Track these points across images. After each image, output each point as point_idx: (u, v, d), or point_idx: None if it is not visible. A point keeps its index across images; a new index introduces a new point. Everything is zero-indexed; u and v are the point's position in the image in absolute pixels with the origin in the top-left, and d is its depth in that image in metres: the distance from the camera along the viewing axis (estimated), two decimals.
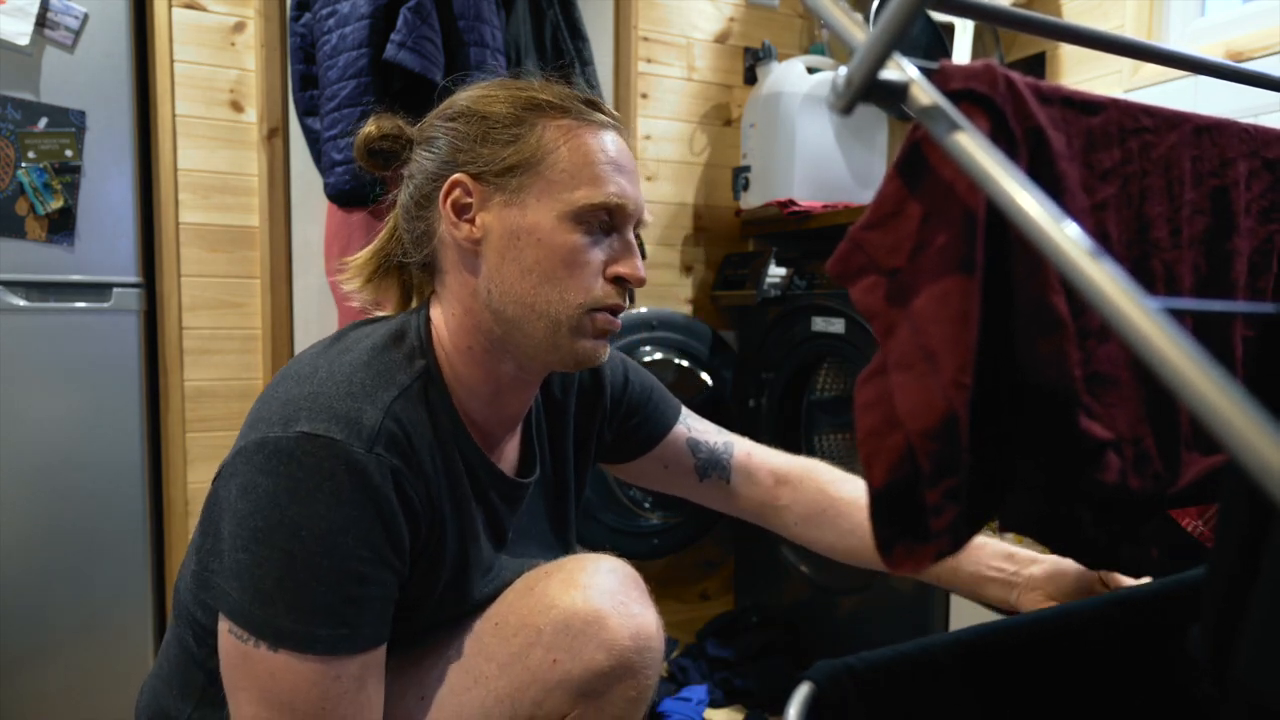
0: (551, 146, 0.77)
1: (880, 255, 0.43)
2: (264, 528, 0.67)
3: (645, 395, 1.02)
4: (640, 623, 0.80)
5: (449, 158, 0.79)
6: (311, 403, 0.70)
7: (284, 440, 0.68)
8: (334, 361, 0.75)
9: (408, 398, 0.75)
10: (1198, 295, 0.52)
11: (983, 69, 0.43)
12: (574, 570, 0.82)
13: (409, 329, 0.81)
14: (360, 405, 0.71)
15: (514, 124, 0.77)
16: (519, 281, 0.77)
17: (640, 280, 0.80)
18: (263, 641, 0.68)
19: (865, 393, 0.44)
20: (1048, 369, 0.43)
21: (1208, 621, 0.48)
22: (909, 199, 0.43)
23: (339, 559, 0.67)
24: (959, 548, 0.42)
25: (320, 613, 0.68)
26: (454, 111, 0.80)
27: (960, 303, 0.40)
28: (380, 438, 0.70)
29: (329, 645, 0.68)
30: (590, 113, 0.80)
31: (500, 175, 0.77)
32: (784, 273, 1.95)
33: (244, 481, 0.69)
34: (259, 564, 0.67)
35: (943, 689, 0.62)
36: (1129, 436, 0.47)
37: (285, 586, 0.67)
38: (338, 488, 0.67)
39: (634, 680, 0.79)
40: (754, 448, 1.05)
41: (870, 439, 0.43)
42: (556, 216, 0.76)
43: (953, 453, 0.40)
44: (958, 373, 0.40)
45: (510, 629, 0.80)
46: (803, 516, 1.01)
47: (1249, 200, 0.55)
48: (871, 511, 0.44)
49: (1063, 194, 0.45)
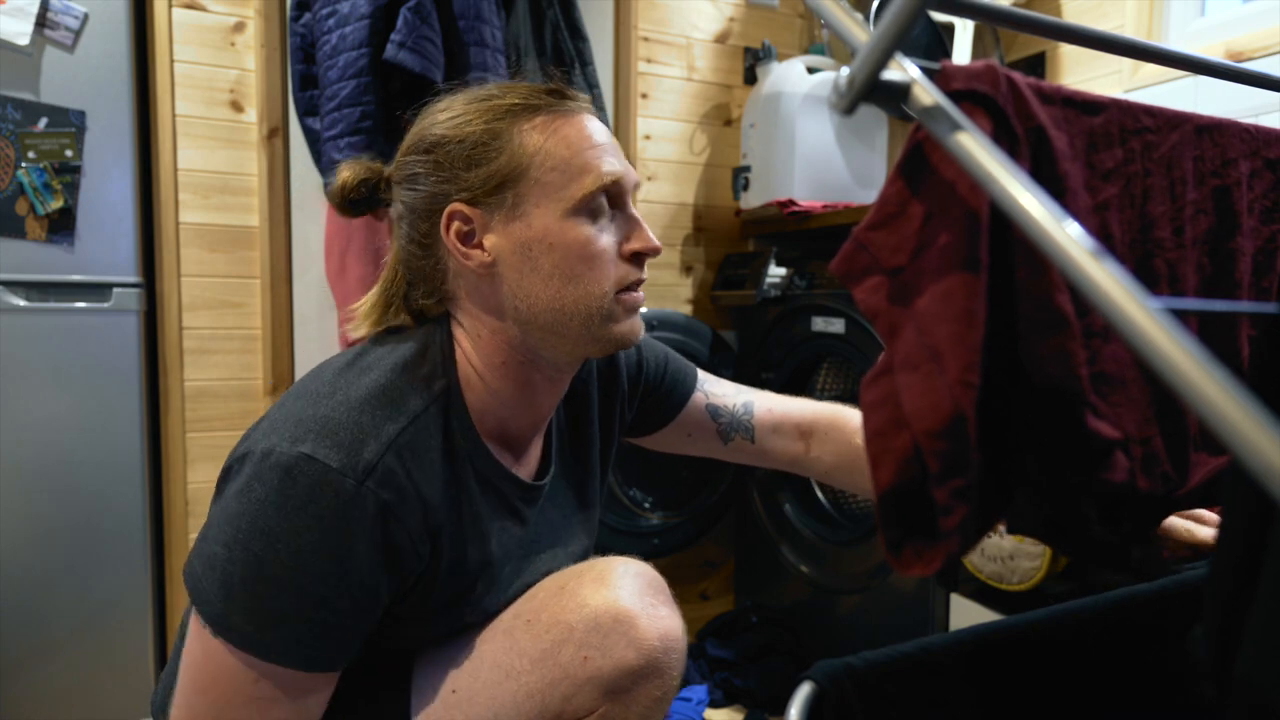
0: (534, 149, 0.76)
1: (884, 255, 0.43)
2: (246, 529, 0.69)
3: (660, 371, 1.03)
4: (668, 625, 0.83)
5: (437, 190, 0.78)
6: (320, 426, 0.71)
7: (286, 456, 0.69)
8: (351, 384, 0.75)
9: (418, 426, 0.75)
10: (1202, 295, 0.52)
11: (984, 69, 0.43)
12: (604, 571, 0.85)
13: (431, 346, 0.80)
14: (364, 438, 0.71)
15: (491, 138, 0.76)
16: (544, 289, 0.77)
17: (656, 249, 0.80)
18: (208, 626, 0.70)
19: (871, 393, 0.44)
20: (1053, 368, 0.43)
21: (1210, 622, 0.48)
22: (911, 199, 0.43)
23: (305, 578, 0.69)
24: (968, 548, 0.42)
25: (274, 622, 0.69)
26: (428, 143, 0.79)
27: (965, 301, 0.40)
28: (375, 472, 0.70)
29: (274, 655, 0.70)
30: (559, 103, 0.79)
31: (493, 194, 0.76)
32: (784, 273, 1.95)
33: (242, 484, 0.71)
34: (232, 561, 0.69)
35: (943, 688, 0.62)
36: (1137, 436, 0.47)
37: (249, 590, 0.69)
38: (321, 512, 0.68)
39: (660, 680, 0.82)
40: (774, 402, 1.06)
41: (877, 439, 0.43)
42: (560, 215, 0.76)
43: (961, 452, 0.40)
44: (964, 372, 0.40)
45: (542, 626, 0.82)
46: (833, 466, 1.04)
47: (1251, 200, 0.55)
48: (879, 512, 0.44)
49: (1065, 194, 0.45)
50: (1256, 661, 0.44)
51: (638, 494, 2.03)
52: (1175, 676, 0.69)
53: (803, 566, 1.91)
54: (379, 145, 1.49)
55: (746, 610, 2.06)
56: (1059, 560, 1.31)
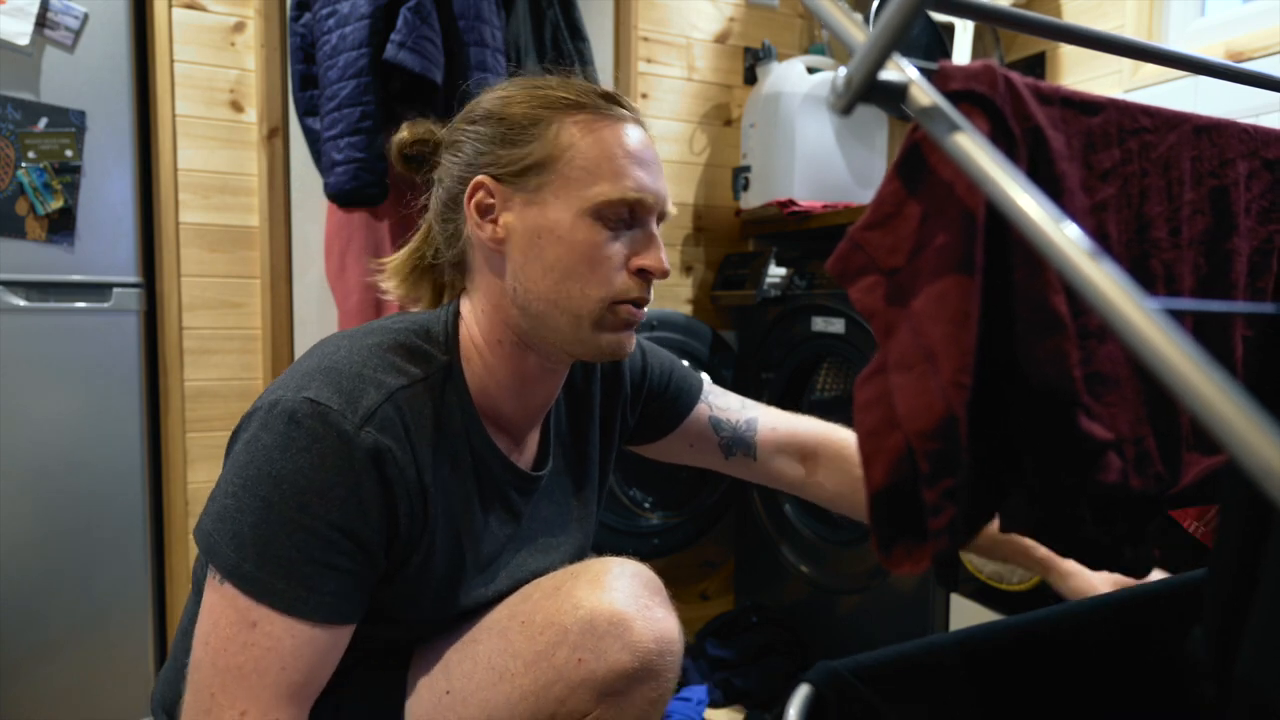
0: (568, 143, 0.78)
1: (880, 255, 0.43)
2: (253, 476, 0.71)
3: (664, 379, 1.04)
4: (664, 627, 0.82)
5: (472, 160, 0.81)
6: (324, 375, 0.74)
7: (290, 402, 0.72)
8: (357, 343, 0.79)
9: (416, 390, 0.77)
10: (1198, 295, 0.52)
11: (982, 69, 0.43)
12: (600, 572, 0.84)
13: (436, 325, 0.83)
14: (365, 386, 0.74)
15: (531, 124, 0.79)
16: (542, 279, 0.79)
17: (664, 272, 0.81)
18: (217, 573, 0.72)
19: (865, 393, 0.44)
20: (1048, 369, 0.43)
21: (1210, 623, 0.48)
22: (908, 199, 0.43)
23: (310, 518, 0.70)
24: (957, 548, 0.42)
25: (283, 566, 0.70)
26: (476, 115, 0.83)
27: (960, 303, 0.40)
28: (374, 418, 0.73)
29: (282, 601, 0.70)
30: (608, 106, 0.81)
31: (520, 175, 0.79)
32: (784, 273, 1.95)
33: (250, 435, 0.73)
34: (241, 509, 0.71)
35: (943, 689, 0.62)
36: (1130, 437, 0.47)
37: (259, 533, 0.70)
38: (323, 452, 0.71)
39: (655, 682, 0.81)
40: (780, 421, 1.07)
41: (870, 439, 0.44)
42: (576, 213, 0.77)
43: (952, 453, 0.40)
44: (957, 373, 0.40)
45: (537, 627, 0.82)
46: (835, 494, 1.05)
47: (1249, 200, 0.55)
48: (870, 511, 0.44)
49: (1062, 194, 0.45)
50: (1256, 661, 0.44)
51: (638, 494, 2.03)
52: (1175, 676, 0.69)
53: (803, 566, 1.91)
54: (379, 145, 1.49)
55: (746, 610, 2.06)
56: None
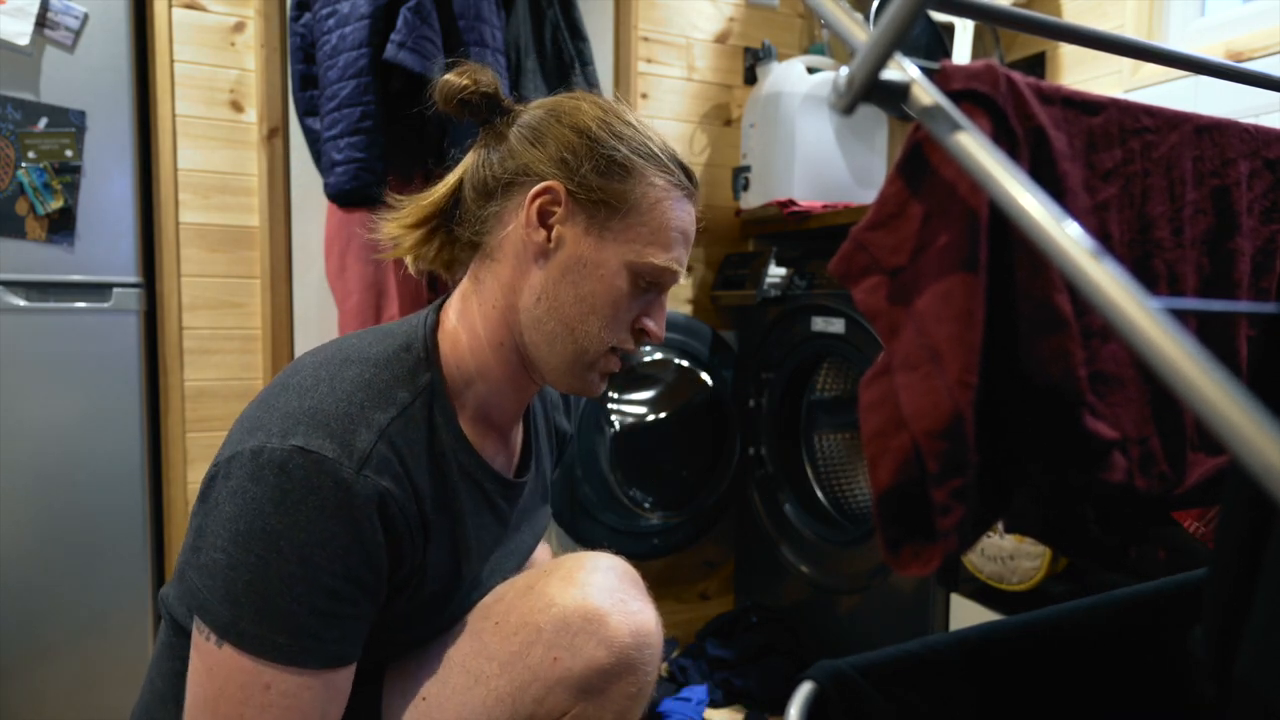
0: (645, 202, 0.80)
1: (883, 255, 0.43)
2: (245, 532, 0.68)
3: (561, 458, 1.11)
4: (640, 620, 0.81)
5: (554, 159, 0.79)
6: (310, 418, 0.71)
7: (278, 451, 0.69)
8: (335, 375, 0.76)
9: (407, 417, 0.76)
10: (1201, 295, 0.52)
11: (984, 69, 0.43)
12: (573, 568, 0.83)
13: (415, 341, 0.81)
14: (355, 426, 0.72)
15: (628, 167, 0.80)
16: (571, 304, 0.80)
17: (659, 340, 0.85)
18: (214, 635, 0.69)
19: (870, 393, 0.44)
20: (1052, 368, 0.43)
21: (1210, 622, 0.48)
22: (911, 199, 0.43)
23: (312, 571, 0.68)
24: (966, 548, 0.42)
25: (284, 621, 0.68)
26: (575, 123, 0.80)
27: (964, 301, 0.40)
28: (371, 460, 0.71)
29: (287, 655, 0.68)
30: (685, 180, 0.84)
31: (595, 205, 0.79)
32: (784, 273, 1.95)
33: (235, 485, 0.69)
34: (234, 566, 0.68)
35: (944, 688, 0.62)
36: (1135, 436, 0.47)
37: (255, 591, 0.67)
38: (322, 502, 0.68)
39: (634, 677, 0.80)
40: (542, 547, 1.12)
41: (876, 439, 0.43)
42: (623, 262, 0.79)
43: (959, 452, 0.40)
44: (963, 372, 0.40)
45: (511, 628, 0.81)
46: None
47: (1251, 200, 0.55)
48: (877, 512, 0.44)
49: (1064, 194, 0.45)
50: (1256, 661, 0.44)
51: (638, 494, 2.03)
52: (1175, 676, 0.69)
53: (803, 566, 1.91)
54: (379, 145, 1.49)
55: (746, 610, 2.06)
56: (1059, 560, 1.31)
